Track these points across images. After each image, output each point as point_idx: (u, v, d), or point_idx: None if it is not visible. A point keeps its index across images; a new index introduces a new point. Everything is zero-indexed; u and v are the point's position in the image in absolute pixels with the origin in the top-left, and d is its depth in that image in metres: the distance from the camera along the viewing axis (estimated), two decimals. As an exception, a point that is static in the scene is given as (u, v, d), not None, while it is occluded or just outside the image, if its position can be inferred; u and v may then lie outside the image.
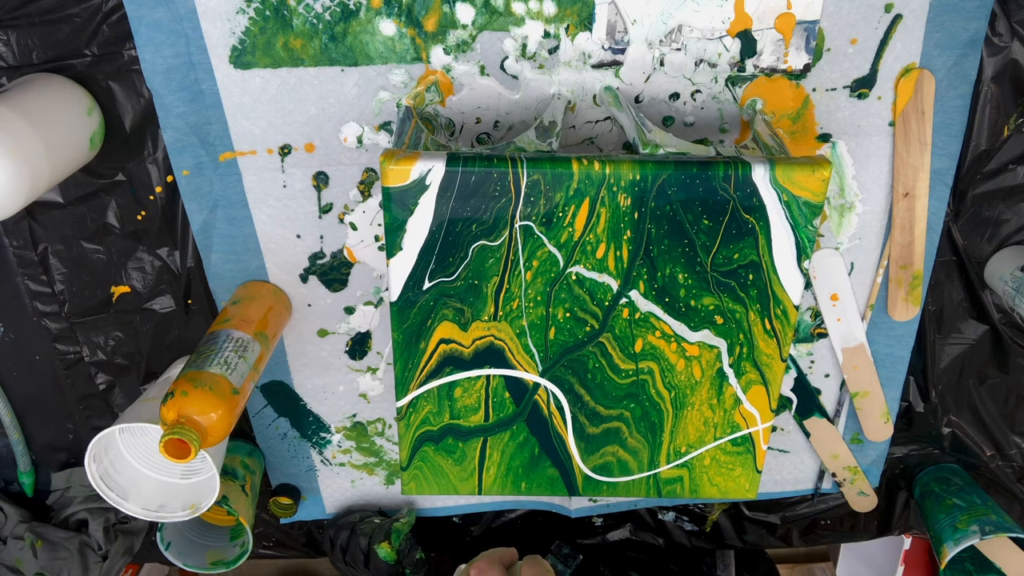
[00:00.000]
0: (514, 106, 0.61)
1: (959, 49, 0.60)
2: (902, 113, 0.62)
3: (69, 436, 0.79)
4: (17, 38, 0.59)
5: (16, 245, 0.68)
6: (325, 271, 0.68)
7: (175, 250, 0.68)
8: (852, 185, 0.65)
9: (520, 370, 0.57)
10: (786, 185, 0.50)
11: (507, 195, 0.50)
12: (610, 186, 0.50)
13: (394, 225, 0.51)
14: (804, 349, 0.73)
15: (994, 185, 0.67)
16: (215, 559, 0.77)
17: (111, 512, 0.80)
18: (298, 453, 0.79)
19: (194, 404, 0.54)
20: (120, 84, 0.61)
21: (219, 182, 0.63)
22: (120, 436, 0.67)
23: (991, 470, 0.82)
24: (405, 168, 0.49)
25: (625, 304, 0.54)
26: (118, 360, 0.74)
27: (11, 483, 0.82)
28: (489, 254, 0.52)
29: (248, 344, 0.60)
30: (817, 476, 0.82)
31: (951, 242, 0.69)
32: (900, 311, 0.70)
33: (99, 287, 0.70)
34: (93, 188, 0.65)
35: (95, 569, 0.78)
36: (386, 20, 0.57)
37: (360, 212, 0.65)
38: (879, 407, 0.75)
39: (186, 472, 0.69)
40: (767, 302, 0.54)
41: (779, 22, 0.58)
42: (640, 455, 0.61)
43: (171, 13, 0.56)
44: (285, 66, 0.58)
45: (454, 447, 0.60)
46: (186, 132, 0.61)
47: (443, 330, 0.55)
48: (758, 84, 0.60)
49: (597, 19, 0.57)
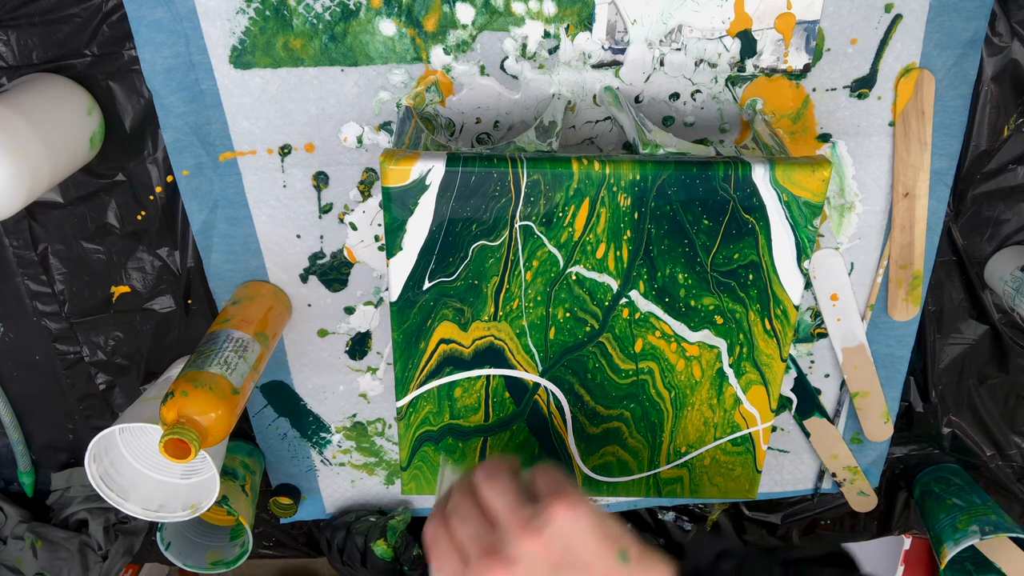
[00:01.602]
0: (514, 106, 0.61)
1: (959, 49, 0.60)
2: (902, 113, 0.62)
3: (69, 436, 0.79)
4: (17, 38, 0.59)
5: (16, 245, 0.68)
6: (325, 271, 0.68)
7: (175, 250, 0.68)
8: (852, 185, 0.65)
9: (520, 370, 0.57)
10: (786, 185, 0.50)
11: (507, 195, 0.50)
12: (610, 186, 0.50)
13: (394, 225, 0.51)
14: (804, 349, 0.73)
15: (994, 185, 0.67)
16: (215, 559, 0.77)
17: (111, 512, 0.80)
18: (298, 453, 0.79)
19: (194, 404, 0.54)
20: (120, 84, 0.61)
21: (219, 182, 0.63)
22: (120, 436, 0.67)
23: (991, 470, 0.82)
24: (405, 168, 0.49)
25: (625, 304, 0.54)
26: (118, 360, 0.74)
27: (11, 483, 0.82)
28: (489, 254, 0.52)
29: (248, 344, 0.60)
30: (817, 476, 0.82)
31: (951, 242, 0.69)
32: (900, 311, 0.70)
33: (99, 287, 0.70)
34: (93, 188, 0.65)
35: (95, 569, 0.78)
36: (386, 20, 0.57)
37: (360, 212, 0.65)
38: (879, 407, 0.75)
39: (186, 472, 0.69)
40: (767, 302, 0.54)
41: (779, 22, 0.58)
42: (640, 455, 0.61)
43: (171, 13, 0.56)
44: (285, 66, 0.58)
45: (454, 447, 0.60)
46: (186, 132, 0.61)
47: (443, 330, 0.55)
48: (758, 84, 0.60)
49: (597, 19, 0.57)
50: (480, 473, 0.43)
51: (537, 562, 0.39)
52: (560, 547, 0.39)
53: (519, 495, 0.41)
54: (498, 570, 0.39)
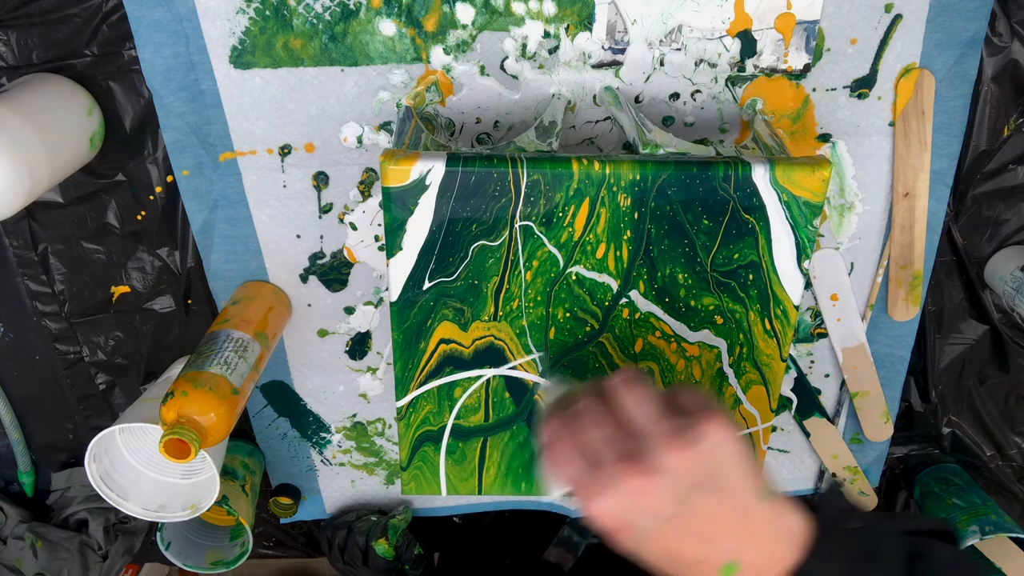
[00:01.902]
0: (514, 106, 0.61)
1: (959, 49, 0.60)
2: (902, 113, 0.62)
3: (69, 436, 0.79)
4: (17, 38, 0.59)
5: (16, 245, 0.68)
6: (325, 271, 0.68)
7: (175, 250, 0.68)
8: (852, 185, 0.65)
9: (520, 370, 0.57)
10: (786, 185, 0.50)
11: (507, 195, 0.50)
12: (610, 186, 0.50)
13: (394, 225, 0.51)
14: (804, 349, 0.73)
15: (994, 185, 0.67)
16: (215, 559, 0.77)
17: (111, 512, 0.80)
18: (298, 453, 0.79)
19: (194, 404, 0.54)
20: (120, 84, 0.61)
21: (219, 182, 0.63)
22: (120, 436, 0.67)
23: (991, 470, 0.82)
24: (405, 168, 0.49)
25: (625, 304, 0.54)
26: (118, 360, 0.74)
27: (11, 483, 0.82)
28: (489, 254, 0.52)
29: (248, 344, 0.60)
30: (817, 476, 0.82)
31: (951, 242, 0.69)
32: (900, 311, 0.70)
33: (99, 287, 0.70)
34: (93, 188, 0.65)
35: (95, 569, 0.78)
36: (386, 20, 0.57)
37: (360, 212, 0.65)
38: (879, 407, 0.75)
39: (186, 472, 0.69)
40: (767, 302, 0.54)
41: (779, 22, 0.58)
42: (640, 455, 0.61)
43: (171, 13, 0.56)
44: (285, 66, 0.58)
45: (454, 447, 0.60)
46: (186, 132, 0.61)
47: (443, 330, 0.55)
48: (758, 84, 0.60)
49: (597, 19, 0.57)
50: (618, 378, 0.40)
51: (679, 476, 0.36)
52: (707, 466, 0.36)
53: (664, 405, 0.39)
54: (636, 478, 0.36)
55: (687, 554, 0.37)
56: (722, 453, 0.37)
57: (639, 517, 0.37)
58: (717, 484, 0.37)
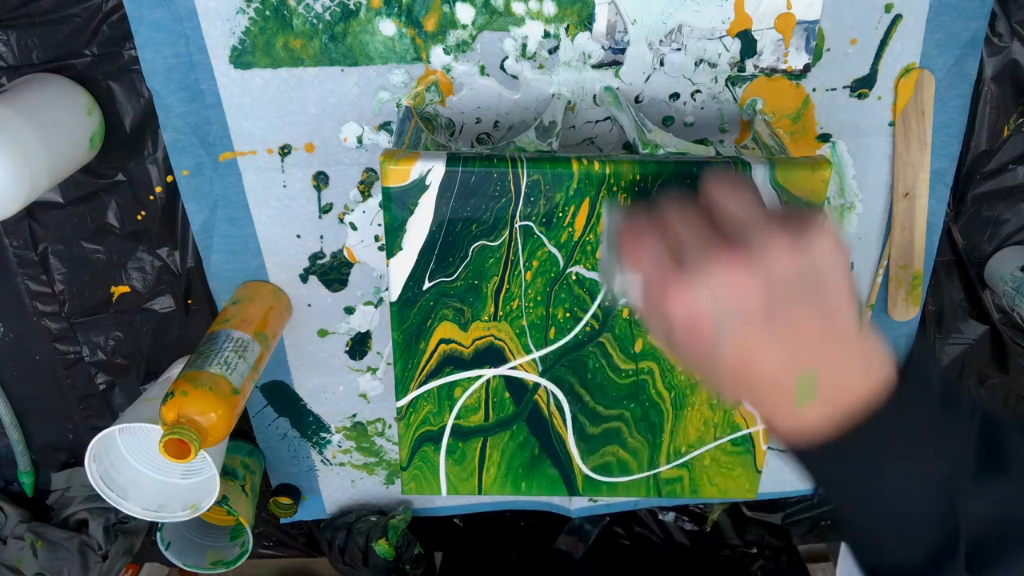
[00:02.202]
0: (514, 106, 0.61)
1: (959, 49, 0.60)
2: (902, 113, 0.62)
3: (69, 436, 0.79)
4: (17, 38, 0.59)
5: (16, 245, 0.68)
6: (325, 271, 0.68)
7: (175, 250, 0.68)
8: (852, 185, 0.65)
9: (520, 370, 0.57)
10: (786, 185, 0.50)
11: (507, 195, 0.50)
12: (610, 186, 0.50)
13: (394, 225, 0.51)
14: (804, 349, 0.73)
15: (994, 185, 0.67)
16: (215, 559, 0.77)
17: (111, 512, 0.80)
18: (298, 453, 0.79)
19: (194, 404, 0.54)
20: (120, 84, 0.61)
21: (219, 182, 0.63)
22: (120, 436, 0.67)
23: (991, 470, 0.82)
24: (405, 168, 0.49)
25: (625, 304, 0.54)
26: (118, 360, 0.74)
27: (11, 483, 0.82)
28: (489, 254, 0.52)
29: (248, 344, 0.60)
30: (817, 476, 0.82)
31: (951, 242, 0.69)
32: (900, 311, 0.70)
33: (99, 287, 0.70)
34: (93, 188, 0.65)
35: (95, 569, 0.78)
36: (386, 20, 0.57)
37: (360, 212, 0.65)
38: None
39: (186, 472, 0.69)
40: (767, 302, 0.54)
41: (779, 22, 0.58)
42: (640, 455, 0.61)
43: (171, 13, 0.56)
44: (285, 66, 0.58)
45: (454, 447, 0.60)
46: (186, 132, 0.61)
47: (443, 330, 0.55)
48: (758, 84, 0.60)
49: (597, 19, 0.57)
50: (711, 180, 0.35)
51: (781, 277, 0.32)
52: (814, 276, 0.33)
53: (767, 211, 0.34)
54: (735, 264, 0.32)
55: (765, 366, 0.34)
56: (833, 268, 0.33)
57: (725, 312, 0.33)
58: (817, 297, 0.33)
